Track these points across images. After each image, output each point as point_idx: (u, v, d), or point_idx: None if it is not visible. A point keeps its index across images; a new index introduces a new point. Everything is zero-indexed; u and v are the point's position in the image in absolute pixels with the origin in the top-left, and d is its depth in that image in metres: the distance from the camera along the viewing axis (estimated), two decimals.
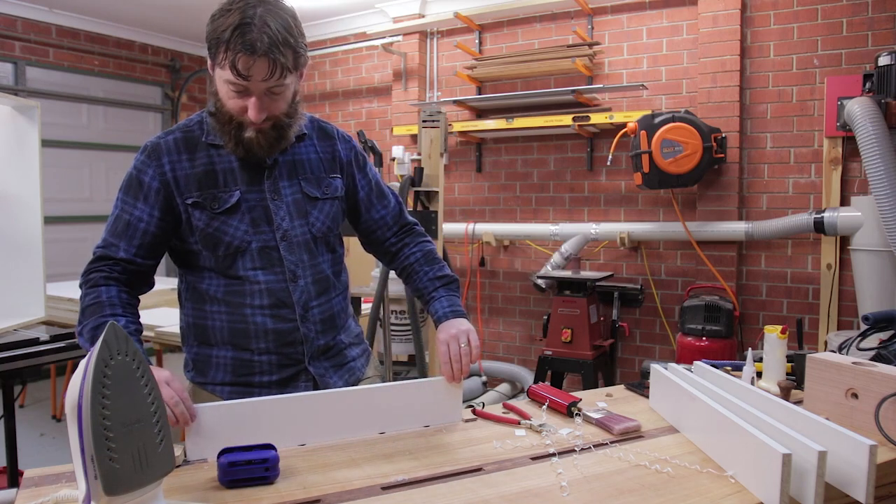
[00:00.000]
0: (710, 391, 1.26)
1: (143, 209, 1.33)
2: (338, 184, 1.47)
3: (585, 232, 4.08)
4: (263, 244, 1.36)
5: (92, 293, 1.29)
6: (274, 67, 1.22)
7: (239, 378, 1.39)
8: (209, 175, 1.34)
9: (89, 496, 0.83)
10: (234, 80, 1.23)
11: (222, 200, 1.34)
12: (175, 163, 1.34)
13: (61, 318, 3.67)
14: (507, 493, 1.01)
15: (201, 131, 1.37)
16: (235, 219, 1.34)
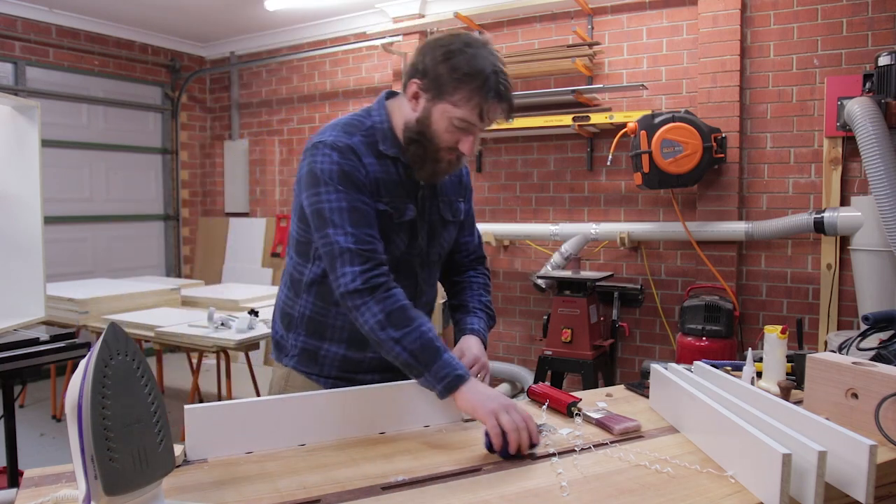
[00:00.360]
0: (710, 391, 1.26)
1: (367, 200, 1.33)
2: (461, 207, 1.55)
3: (585, 232, 4.08)
4: (407, 258, 1.43)
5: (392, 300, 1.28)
6: (508, 113, 1.33)
7: (345, 374, 1.45)
8: (392, 184, 1.38)
9: (89, 496, 0.83)
10: (474, 120, 1.29)
11: (401, 212, 1.39)
12: (370, 165, 1.36)
13: (61, 318, 3.67)
14: (507, 493, 1.01)
15: (376, 139, 1.39)
16: (403, 230, 1.40)
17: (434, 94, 1.31)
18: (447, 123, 1.31)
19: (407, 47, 4.81)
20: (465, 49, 1.28)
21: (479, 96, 1.27)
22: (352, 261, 1.28)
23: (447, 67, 1.28)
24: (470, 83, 1.27)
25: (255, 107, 5.97)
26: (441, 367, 1.24)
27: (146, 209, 5.96)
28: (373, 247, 1.30)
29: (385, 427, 1.30)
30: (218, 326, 3.27)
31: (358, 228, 1.29)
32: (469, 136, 1.33)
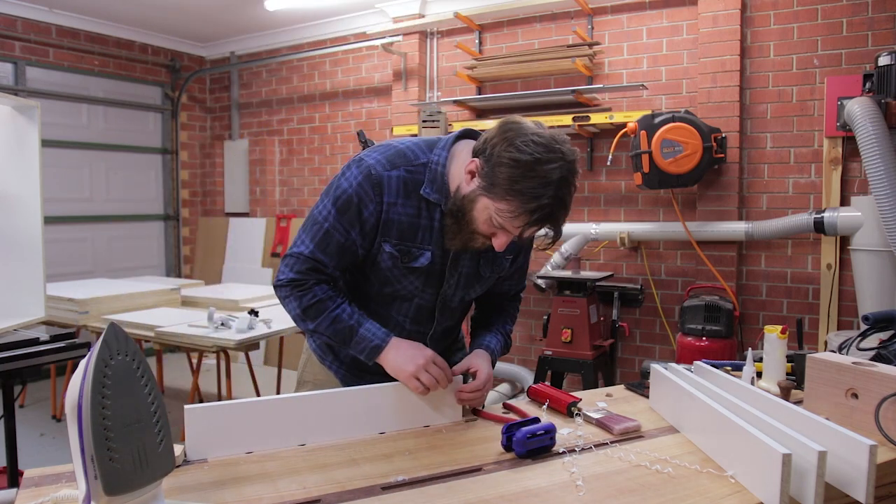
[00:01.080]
0: (710, 391, 1.26)
1: (356, 238, 1.35)
2: (508, 262, 1.51)
3: (585, 232, 4.08)
4: (425, 303, 1.45)
5: (308, 295, 1.37)
6: (555, 235, 1.30)
7: (355, 371, 1.51)
8: (412, 227, 1.36)
9: (89, 496, 0.83)
10: (513, 231, 1.26)
11: (413, 257, 1.38)
12: (392, 205, 1.34)
13: (61, 318, 3.67)
14: (507, 493, 1.01)
15: (422, 179, 1.35)
16: (414, 275, 1.40)
17: (486, 187, 1.25)
18: (487, 217, 1.27)
19: (407, 47, 4.81)
20: (533, 166, 1.20)
21: (524, 218, 1.23)
22: (292, 266, 1.38)
23: (507, 175, 1.21)
24: (522, 202, 1.21)
25: (255, 107, 5.97)
26: (357, 342, 1.36)
27: (146, 209, 5.96)
28: (317, 266, 1.36)
29: (385, 427, 1.30)
30: (218, 326, 3.26)
31: (318, 249, 1.36)
32: (505, 235, 1.29)
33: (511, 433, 1.18)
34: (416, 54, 4.79)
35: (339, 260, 1.37)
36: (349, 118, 5.32)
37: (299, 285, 1.37)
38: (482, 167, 1.26)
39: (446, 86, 4.80)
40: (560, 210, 1.25)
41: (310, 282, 1.37)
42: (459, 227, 1.31)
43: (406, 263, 1.37)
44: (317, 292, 1.37)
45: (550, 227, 1.28)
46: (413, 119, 4.67)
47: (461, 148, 1.37)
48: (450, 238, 1.34)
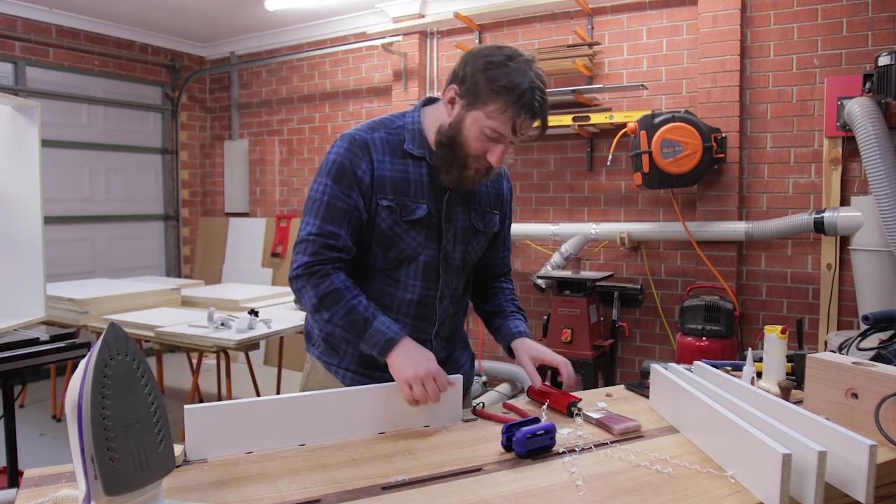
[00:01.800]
0: (710, 391, 1.26)
1: (357, 200, 1.38)
2: (496, 220, 1.57)
3: (585, 232, 4.08)
4: (429, 259, 1.45)
5: (326, 283, 1.36)
6: (542, 128, 1.36)
7: (363, 369, 1.48)
8: (404, 182, 1.41)
9: (89, 496, 0.83)
10: (505, 132, 1.31)
11: (410, 210, 1.41)
12: (380, 162, 1.40)
13: (61, 318, 3.67)
14: (507, 493, 1.01)
15: (403, 138, 1.43)
16: (415, 230, 1.42)
17: (469, 102, 1.33)
18: (478, 132, 1.33)
19: (407, 47, 4.81)
20: (506, 62, 1.30)
21: (513, 110, 1.29)
22: (304, 250, 1.38)
23: (485, 77, 1.30)
24: (506, 96, 1.28)
25: (255, 107, 5.97)
26: (371, 335, 1.34)
27: (146, 209, 5.96)
28: (330, 241, 1.37)
29: (385, 427, 1.30)
30: (218, 326, 3.26)
31: (326, 223, 1.37)
32: (498, 146, 1.34)
33: (511, 433, 1.18)
34: (416, 54, 4.80)
35: (348, 227, 1.38)
36: (349, 118, 5.32)
37: (316, 271, 1.37)
38: (460, 89, 1.34)
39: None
40: (543, 94, 1.31)
41: (326, 266, 1.37)
42: (453, 155, 1.36)
43: (405, 217, 1.40)
44: (334, 280, 1.36)
45: (539, 117, 1.33)
46: None
47: (428, 109, 1.47)
48: (445, 171, 1.39)
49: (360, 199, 1.38)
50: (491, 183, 1.55)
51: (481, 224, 1.52)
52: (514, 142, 1.35)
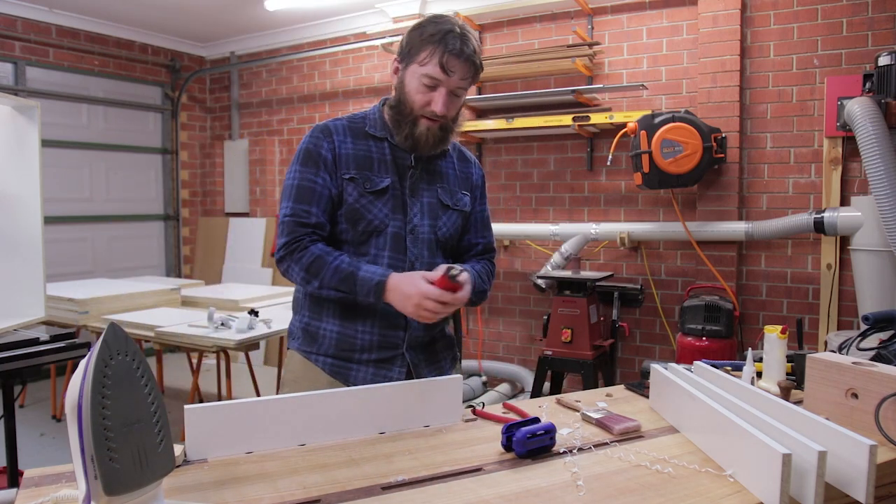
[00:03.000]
0: (710, 391, 1.26)
1: (324, 177, 1.49)
2: (467, 200, 1.65)
3: (585, 232, 4.08)
4: (396, 230, 1.52)
5: (307, 254, 1.46)
6: (471, 70, 1.46)
7: (341, 352, 1.53)
8: (366, 159, 1.52)
9: (89, 496, 0.83)
10: (437, 74, 1.43)
11: (374, 182, 1.51)
12: (341, 142, 1.52)
13: (61, 318, 3.67)
14: (507, 493, 1.01)
15: (364, 124, 1.56)
16: (381, 201, 1.51)
17: (406, 61, 1.49)
18: (417, 84, 1.46)
19: None
20: (432, 20, 1.47)
21: (438, 51, 1.42)
22: (283, 231, 1.49)
23: (415, 35, 1.47)
24: (431, 42, 1.43)
25: (255, 107, 5.97)
26: (362, 286, 1.42)
27: (146, 209, 5.96)
28: (303, 219, 1.48)
29: (385, 427, 1.30)
30: (218, 326, 3.26)
31: (297, 203, 1.48)
32: (438, 93, 1.45)
33: (511, 433, 1.18)
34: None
35: (317, 205, 1.48)
36: None
37: (294, 248, 1.47)
38: (399, 57, 1.51)
39: None
40: (467, 38, 1.44)
41: (303, 241, 1.46)
42: (402, 114, 1.49)
43: (368, 188, 1.49)
44: (313, 250, 1.46)
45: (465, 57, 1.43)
46: None
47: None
48: (398, 132, 1.51)
49: (327, 176, 1.49)
50: (459, 166, 1.65)
51: (449, 200, 1.60)
52: (454, 89, 1.46)
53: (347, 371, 1.53)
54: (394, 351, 1.53)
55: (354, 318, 1.51)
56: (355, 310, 1.50)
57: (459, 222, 1.63)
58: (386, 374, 1.52)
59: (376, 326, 1.51)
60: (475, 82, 1.53)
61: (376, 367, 1.52)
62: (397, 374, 1.53)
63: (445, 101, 1.45)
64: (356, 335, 1.51)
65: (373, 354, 1.52)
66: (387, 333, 1.52)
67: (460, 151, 1.69)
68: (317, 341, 1.55)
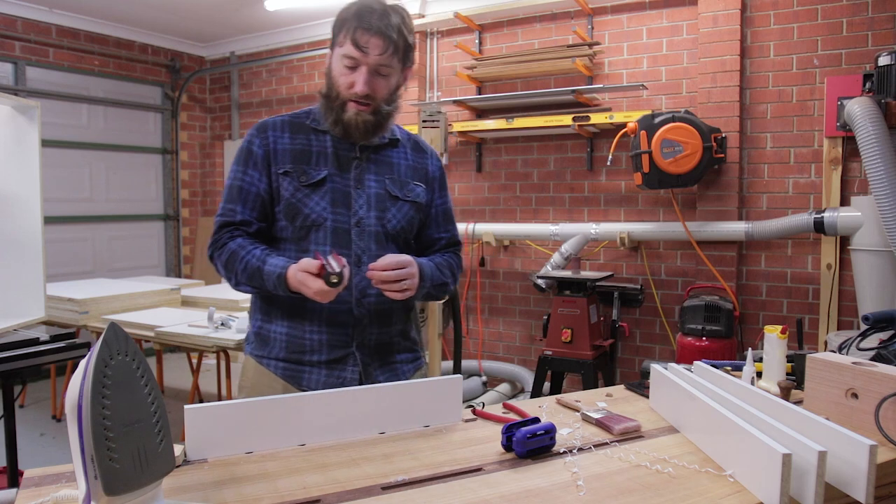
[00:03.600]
0: (710, 391, 1.26)
1: (252, 174, 1.49)
2: (420, 191, 1.59)
3: (585, 232, 4.08)
4: (338, 225, 1.48)
5: (224, 251, 1.46)
6: (388, 45, 1.41)
7: (291, 355, 1.50)
8: (304, 153, 1.50)
9: (89, 496, 0.83)
10: (352, 52, 1.40)
11: (309, 175, 1.48)
12: (278, 137, 1.50)
13: (61, 318, 3.67)
14: (507, 493, 1.01)
15: (307, 118, 1.54)
16: (318, 195, 1.47)
17: (331, 49, 1.48)
18: (340, 67, 1.44)
19: None
20: (350, 5, 1.44)
21: (350, 28, 1.40)
22: (213, 232, 1.50)
23: (335, 20, 1.46)
24: (345, 22, 1.42)
25: (255, 107, 5.97)
26: (268, 279, 1.41)
27: (146, 209, 5.96)
28: (228, 218, 1.48)
29: (385, 427, 1.30)
30: (218, 326, 3.26)
31: (227, 203, 1.50)
32: (358, 73, 1.42)
33: (511, 433, 1.18)
34: (416, 54, 4.78)
35: (244, 203, 1.48)
36: None
37: (216, 249, 1.48)
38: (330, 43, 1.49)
39: (446, 86, 4.80)
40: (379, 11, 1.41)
41: (223, 238, 1.47)
42: (330, 101, 1.47)
43: (304, 182, 1.47)
44: (230, 246, 1.46)
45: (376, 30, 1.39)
46: (413, 119, 4.68)
47: None
48: (327, 118, 1.49)
49: (255, 174, 1.48)
50: (412, 157, 1.61)
51: (398, 191, 1.55)
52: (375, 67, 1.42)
53: (300, 374, 1.49)
54: (344, 350, 1.49)
55: (302, 318, 1.48)
56: (303, 310, 1.47)
57: (412, 214, 1.57)
58: (339, 375, 1.49)
59: (324, 325, 1.47)
60: (407, 61, 1.49)
61: (328, 369, 1.48)
62: (350, 375, 1.49)
63: (365, 79, 1.42)
64: (304, 335, 1.48)
65: (323, 355, 1.49)
66: (335, 332, 1.48)
67: (415, 142, 1.65)
68: (268, 344, 1.52)
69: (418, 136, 1.68)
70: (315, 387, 1.47)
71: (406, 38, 1.45)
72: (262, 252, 1.44)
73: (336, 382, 1.48)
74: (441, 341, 3.69)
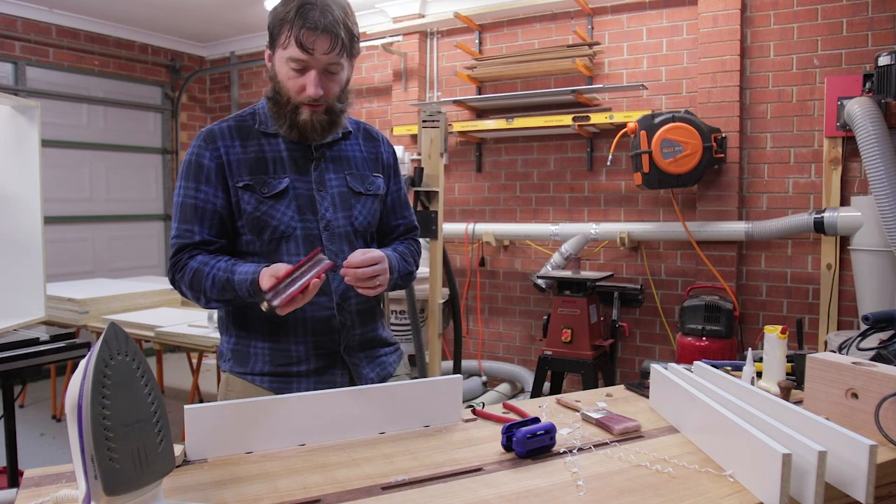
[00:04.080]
0: (710, 391, 1.26)
1: (206, 191, 1.40)
2: (380, 182, 1.55)
3: (585, 232, 4.08)
4: (308, 232, 1.42)
5: (186, 272, 1.38)
6: (335, 43, 1.33)
7: (277, 368, 1.44)
8: (259, 161, 1.42)
9: (89, 496, 0.83)
10: (298, 55, 1.33)
11: (271, 186, 1.40)
12: (229, 147, 1.41)
13: (61, 318, 3.67)
14: (507, 493, 1.01)
15: (254, 121, 1.46)
16: (283, 204, 1.41)
17: (272, 49, 1.40)
18: (286, 70, 1.36)
19: (407, 47, 4.81)
20: (284, 1, 1.36)
21: (293, 29, 1.32)
22: (171, 255, 1.42)
23: (273, 16, 1.37)
24: (287, 20, 1.33)
25: None
26: (240, 288, 1.33)
27: (146, 209, 5.96)
28: (186, 240, 1.40)
29: (385, 427, 1.30)
30: (218, 326, 3.26)
31: (181, 224, 1.41)
32: (308, 75, 1.35)
33: (511, 433, 1.18)
34: (416, 54, 4.79)
35: (201, 223, 1.40)
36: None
37: (177, 270, 1.40)
38: (268, 44, 1.42)
39: (446, 86, 4.80)
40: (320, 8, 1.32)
41: (182, 259, 1.39)
42: (280, 105, 1.40)
43: (266, 193, 1.39)
44: (191, 265, 1.38)
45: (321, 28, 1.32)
46: (413, 119, 4.67)
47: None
48: (281, 124, 1.41)
49: (210, 189, 1.39)
50: (365, 147, 1.55)
51: (360, 186, 1.50)
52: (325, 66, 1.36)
53: (288, 385, 1.44)
54: (331, 357, 1.46)
55: (286, 331, 1.42)
56: (285, 322, 1.41)
57: (376, 207, 1.53)
58: (329, 380, 1.45)
59: (309, 335, 1.43)
60: (353, 54, 1.41)
61: (317, 376, 1.45)
62: (340, 379, 1.46)
63: (317, 81, 1.35)
64: (290, 347, 1.43)
65: (311, 364, 1.44)
66: (321, 340, 1.44)
67: (366, 130, 1.59)
68: (249, 361, 1.45)
69: (367, 124, 1.62)
70: None
71: (351, 31, 1.37)
72: (227, 263, 1.36)
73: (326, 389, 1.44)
74: (441, 341, 3.69)
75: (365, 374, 1.50)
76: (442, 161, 3.28)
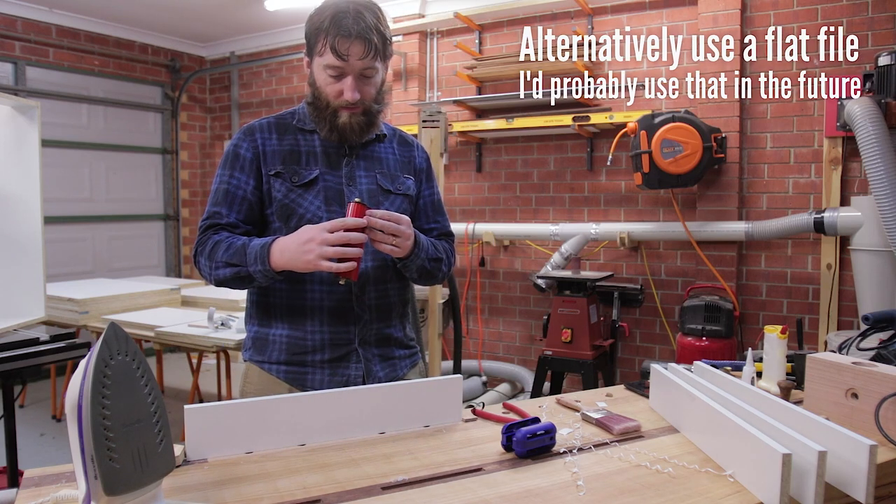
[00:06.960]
0: (710, 391, 1.26)
1: (239, 177, 1.47)
2: (410, 183, 1.59)
3: (585, 232, 4.08)
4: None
5: (208, 244, 1.43)
6: (369, 48, 1.38)
7: (293, 357, 1.48)
8: (293, 154, 1.49)
9: (89, 496, 0.83)
10: (334, 62, 1.38)
11: (302, 175, 1.47)
12: (266, 139, 1.49)
13: (61, 318, 3.67)
14: (507, 493, 1.01)
15: (293, 119, 1.53)
16: (311, 194, 1.46)
17: (310, 56, 1.46)
18: (324, 76, 1.42)
19: (407, 47, 4.81)
20: (318, 9, 1.41)
21: (329, 37, 1.37)
22: (198, 234, 1.47)
23: (309, 25, 1.42)
24: (322, 28, 1.38)
25: (255, 107, 5.97)
26: (251, 254, 1.38)
27: (146, 209, 5.96)
28: (215, 220, 1.46)
29: (385, 427, 1.30)
30: (218, 326, 3.27)
31: (213, 206, 1.47)
32: (344, 80, 1.41)
33: (511, 433, 1.18)
34: (416, 54, 4.79)
35: (230, 206, 1.46)
36: None
37: (201, 243, 1.45)
38: (305, 53, 1.48)
39: (446, 86, 4.80)
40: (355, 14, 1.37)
41: (208, 234, 1.45)
42: (320, 109, 1.46)
43: (296, 182, 1.46)
44: (214, 238, 1.43)
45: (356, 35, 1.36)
46: (413, 119, 4.67)
47: None
48: (321, 127, 1.48)
49: (243, 176, 1.46)
50: (399, 151, 1.60)
51: (390, 185, 1.54)
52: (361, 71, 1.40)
53: (303, 376, 1.48)
54: (346, 348, 1.49)
55: (304, 318, 1.47)
56: (303, 309, 1.46)
57: (406, 206, 1.56)
58: (343, 373, 1.48)
59: (325, 324, 1.47)
60: (387, 56, 1.46)
61: (332, 368, 1.48)
62: (354, 372, 1.49)
63: (353, 86, 1.41)
64: (306, 336, 1.47)
65: (325, 354, 1.48)
66: (337, 330, 1.47)
67: (401, 136, 1.64)
68: (267, 349, 1.50)
69: (403, 131, 1.67)
70: (319, 387, 1.46)
71: (384, 35, 1.42)
72: (249, 238, 1.42)
73: (340, 381, 1.48)
74: (441, 341, 3.69)
75: (375, 373, 1.52)
76: (442, 161, 3.28)
